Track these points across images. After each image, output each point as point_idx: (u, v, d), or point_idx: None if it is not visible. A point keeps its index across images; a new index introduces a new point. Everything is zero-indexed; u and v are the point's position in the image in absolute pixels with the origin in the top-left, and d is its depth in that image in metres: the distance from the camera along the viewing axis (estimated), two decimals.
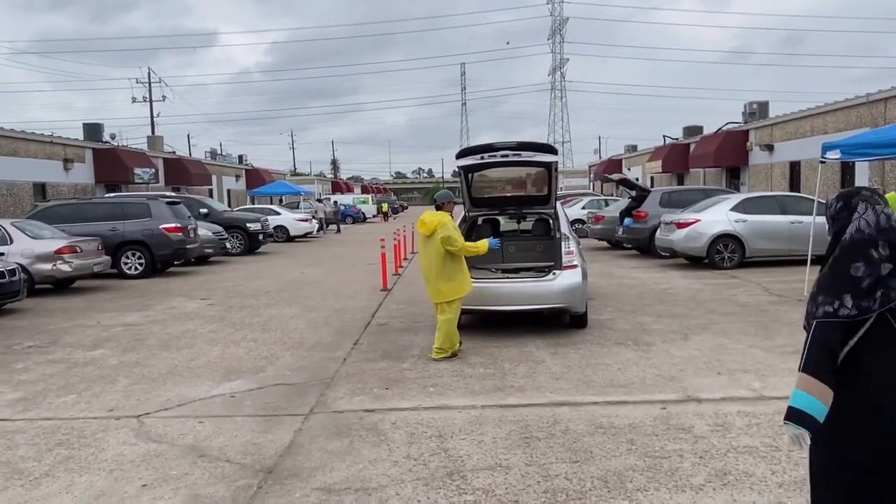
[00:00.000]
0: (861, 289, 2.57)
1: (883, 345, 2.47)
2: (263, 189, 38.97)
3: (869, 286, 2.57)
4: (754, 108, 26.80)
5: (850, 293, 2.57)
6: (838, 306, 2.59)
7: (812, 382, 2.50)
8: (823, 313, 2.59)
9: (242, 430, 4.95)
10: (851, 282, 2.59)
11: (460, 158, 7.90)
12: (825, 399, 2.43)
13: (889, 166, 16.44)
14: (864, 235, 2.65)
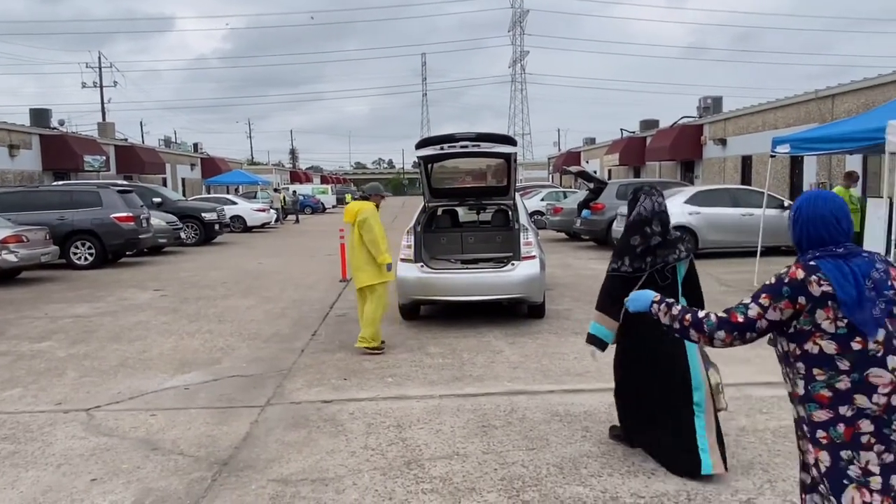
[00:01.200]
0: (636, 254, 3.80)
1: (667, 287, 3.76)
2: (219, 178, 38.29)
3: (642, 252, 3.81)
4: (709, 102, 27.40)
5: (629, 257, 3.84)
6: (620, 265, 3.88)
7: (602, 317, 3.95)
8: (611, 269, 3.94)
9: (196, 423, 4.87)
10: (631, 249, 3.84)
11: (420, 149, 7.88)
12: (611, 328, 3.60)
13: (836, 161, 17.00)
14: (641, 217, 3.83)
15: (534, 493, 3.65)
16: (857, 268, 2.17)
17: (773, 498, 3.53)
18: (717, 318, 2.33)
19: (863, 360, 2.11)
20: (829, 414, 2.14)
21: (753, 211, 13.24)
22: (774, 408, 4.88)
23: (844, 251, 2.20)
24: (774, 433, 4.40)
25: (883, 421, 2.10)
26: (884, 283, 2.16)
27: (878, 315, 2.12)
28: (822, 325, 2.15)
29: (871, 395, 2.10)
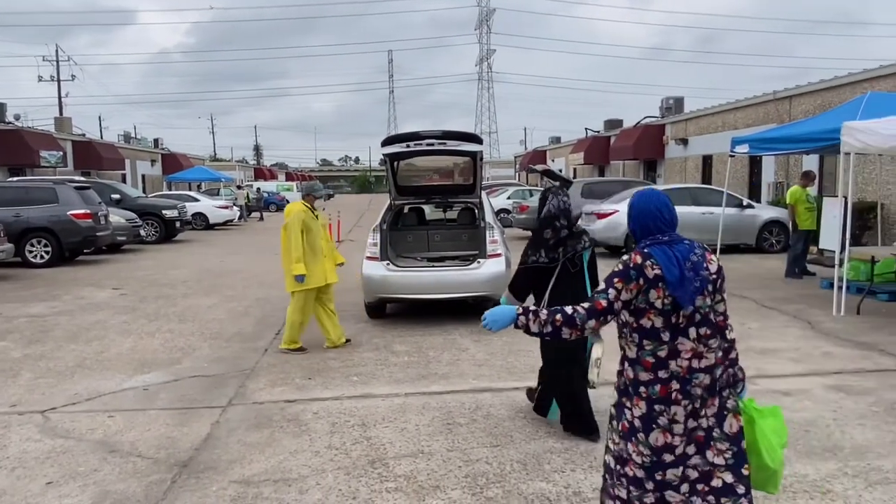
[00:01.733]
0: (549, 246, 4.31)
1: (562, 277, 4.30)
2: (181, 175, 37.58)
3: (554, 244, 4.32)
4: (670, 103, 27.87)
5: (544, 249, 4.33)
6: (538, 257, 4.34)
7: (511, 297, 4.46)
8: (530, 261, 4.37)
9: (156, 424, 4.78)
10: (545, 242, 4.34)
11: (386, 146, 7.85)
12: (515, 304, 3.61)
13: (793, 160, 17.44)
14: (551, 214, 4.32)
15: (497, 490, 3.67)
16: (679, 253, 2.53)
17: None
18: (585, 309, 2.57)
19: (676, 331, 2.51)
20: (651, 375, 2.54)
21: (713, 209, 13.51)
22: None
23: (669, 239, 2.57)
24: None
25: (686, 380, 2.52)
26: (700, 265, 2.53)
27: (694, 292, 2.50)
28: (654, 303, 2.49)
29: (678, 359, 2.51)
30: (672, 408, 2.52)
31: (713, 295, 2.57)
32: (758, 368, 5.84)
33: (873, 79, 14.63)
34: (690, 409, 2.54)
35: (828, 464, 3.90)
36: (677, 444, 2.56)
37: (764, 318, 7.93)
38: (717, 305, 2.60)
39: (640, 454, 2.58)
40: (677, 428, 2.54)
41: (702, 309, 2.52)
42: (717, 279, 2.58)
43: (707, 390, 2.56)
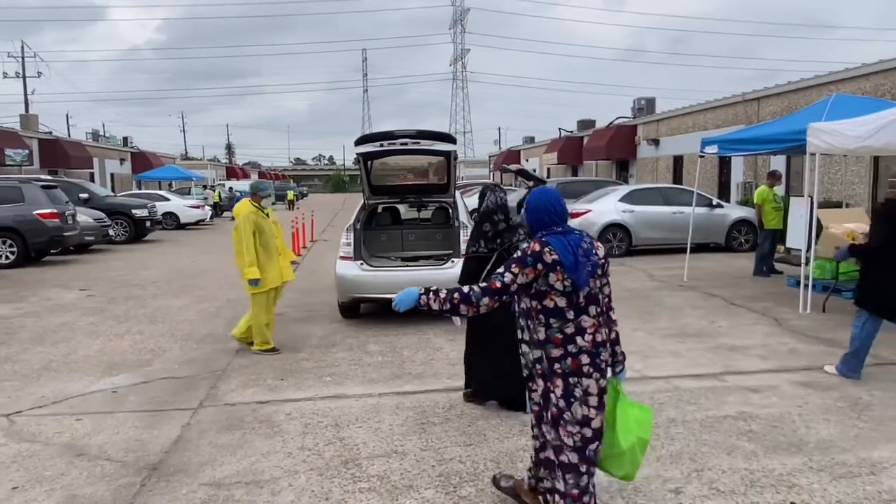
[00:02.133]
0: (488, 238, 4.76)
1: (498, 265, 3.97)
2: (151, 173, 37.00)
3: (492, 236, 4.77)
4: (642, 104, 28.18)
5: (483, 240, 4.80)
6: (478, 248, 4.81)
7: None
8: (470, 252, 4.88)
9: (125, 427, 4.71)
10: (484, 234, 4.80)
11: (359, 145, 7.81)
12: None
13: (761, 161, 17.75)
14: (489, 209, 4.78)
15: (471, 489, 3.68)
16: (572, 241, 2.90)
17: (700, 486, 3.66)
18: (481, 288, 2.88)
19: (579, 310, 2.86)
20: (561, 351, 2.84)
21: (684, 209, 13.68)
22: (702, 399, 5.07)
23: (562, 230, 2.94)
24: (702, 424, 4.57)
25: (594, 353, 2.84)
26: (590, 252, 2.93)
27: (587, 276, 2.88)
28: (555, 285, 2.84)
29: (584, 335, 2.84)
30: (584, 380, 2.84)
31: (601, 278, 2.98)
32: (727, 365, 5.94)
33: (838, 81, 14.95)
34: (604, 384, 2.89)
35: (794, 458, 3.98)
36: (594, 417, 2.86)
37: (733, 315, 8.06)
38: (604, 288, 3.01)
39: (571, 435, 2.87)
40: (592, 400, 2.85)
41: (593, 290, 2.91)
42: (604, 264, 2.99)
43: (608, 364, 2.94)
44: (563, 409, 2.86)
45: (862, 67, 14.34)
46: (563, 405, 2.86)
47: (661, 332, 7.27)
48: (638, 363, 6.07)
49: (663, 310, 8.46)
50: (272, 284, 6.59)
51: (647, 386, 5.40)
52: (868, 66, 14.17)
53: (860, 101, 9.29)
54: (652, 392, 5.24)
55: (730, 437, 4.33)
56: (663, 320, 7.84)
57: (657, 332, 7.22)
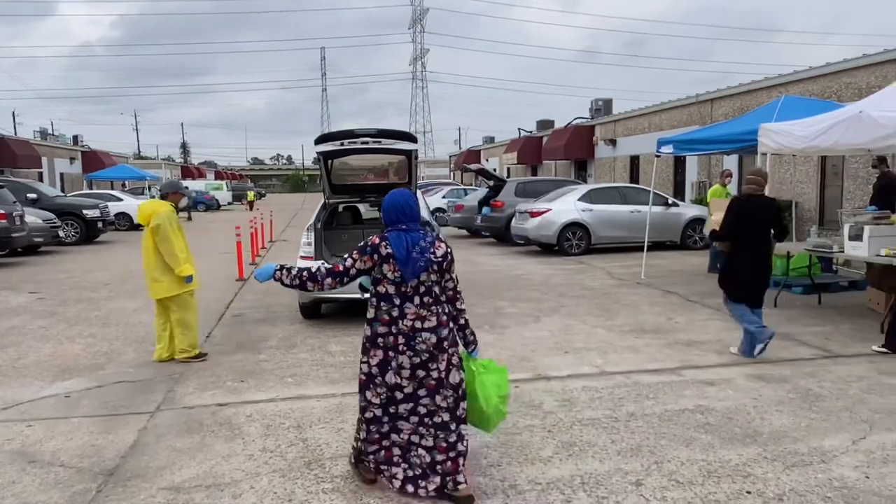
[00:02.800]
0: None
1: None
2: (103, 173, 35.99)
3: None
4: (600, 105, 28.58)
5: None
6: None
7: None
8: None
9: (79, 432, 4.58)
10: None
11: (319, 144, 7.75)
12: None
13: (714, 160, 18.19)
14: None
15: None
16: (411, 238, 3.36)
17: (660, 478, 3.73)
18: (326, 269, 3.42)
19: (404, 298, 3.35)
20: (386, 329, 3.38)
21: (641, 208, 13.95)
22: (660, 393, 5.17)
23: (406, 228, 3.40)
24: (660, 417, 4.66)
25: (411, 337, 3.36)
26: (427, 249, 3.37)
27: (418, 269, 3.32)
28: (388, 274, 3.35)
29: (405, 320, 3.35)
30: (400, 357, 3.38)
31: (440, 273, 3.43)
32: (683, 360, 6.08)
33: (787, 83, 15.42)
34: (418, 362, 3.38)
35: (749, 449, 4.10)
36: (405, 385, 3.42)
37: (689, 311, 8.24)
38: (447, 283, 3.49)
39: (378, 395, 3.46)
40: (404, 372, 3.41)
41: (426, 283, 3.37)
42: (443, 262, 3.43)
43: (435, 347, 3.39)
44: (377, 375, 3.45)
45: (809, 70, 14.82)
46: (378, 371, 3.44)
47: (619, 328, 7.39)
48: (598, 359, 6.16)
49: (622, 307, 8.60)
50: (197, 284, 6.35)
51: (608, 381, 5.49)
52: (815, 69, 14.65)
53: (808, 103, 9.61)
54: (612, 387, 5.33)
55: (688, 429, 4.43)
56: (622, 317, 7.97)
57: (616, 329, 7.34)
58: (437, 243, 3.43)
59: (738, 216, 5.96)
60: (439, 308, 3.41)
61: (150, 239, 6.07)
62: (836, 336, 6.87)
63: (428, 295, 3.38)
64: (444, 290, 3.46)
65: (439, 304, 3.42)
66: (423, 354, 3.36)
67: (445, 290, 3.46)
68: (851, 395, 5.02)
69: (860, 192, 13.12)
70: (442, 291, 3.45)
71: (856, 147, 7.26)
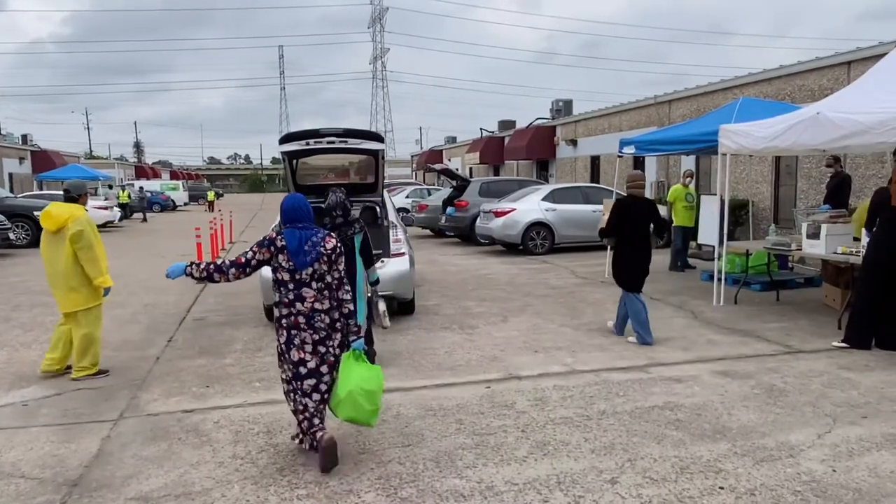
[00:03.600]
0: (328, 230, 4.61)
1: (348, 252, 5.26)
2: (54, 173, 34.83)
3: (331, 229, 5.32)
4: (560, 105, 28.85)
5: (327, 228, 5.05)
6: None
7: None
8: None
9: (39, 442, 4.41)
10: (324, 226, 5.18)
11: (284, 144, 7.62)
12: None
13: (672, 161, 18.54)
14: (329, 206, 5.51)
15: (412, 490, 3.65)
16: (304, 234, 3.91)
17: (634, 475, 3.77)
18: (230, 261, 3.92)
19: (300, 284, 3.90)
20: (287, 310, 3.92)
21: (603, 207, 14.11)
22: (630, 391, 5.23)
23: (302, 226, 3.95)
24: (631, 415, 4.71)
25: (310, 316, 3.91)
26: (318, 244, 3.91)
27: (310, 260, 3.87)
28: (283, 264, 3.89)
29: (303, 303, 3.90)
30: (302, 333, 3.92)
31: (327, 264, 3.94)
32: (650, 357, 6.16)
33: (743, 85, 15.78)
34: (317, 338, 3.93)
35: (719, 444, 4.17)
36: (309, 360, 3.93)
37: (653, 309, 8.34)
38: (334, 273, 3.98)
39: (286, 371, 4.02)
40: (307, 348, 3.92)
41: (318, 271, 3.92)
42: (332, 254, 3.95)
43: (329, 326, 3.96)
44: (284, 352, 3.98)
45: (764, 73, 15.20)
46: (285, 349, 3.97)
47: (586, 326, 7.46)
48: (567, 357, 6.21)
49: (587, 305, 8.69)
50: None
51: (578, 379, 5.53)
52: (769, 71, 15.03)
53: (766, 105, 9.85)
54: (583, 385, 5.37)
55: (659, 426, 4.49)
56: (588, 315, 8.05)
57: (583, 328, 7.41)
58: (328, 238, 3.97)
59: (622, 215, 6.62)
60: (331, 293, 3.97)
61: (69, 246, 5.61)
62: (796, 332, 7.06)
63: (321, 281, 3.94)
64: (334, 279, 4.00)
65: (331, 290, 3.98)
66: (322, 332, 3.93)
67: (333, 279, 3.99)
68: (814, 390, 5.16)
69: (813, 192, 13.52)
70: (333, 280, 3.99)
71: (812, 147, 7.46)
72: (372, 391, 3.90)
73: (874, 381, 5.37)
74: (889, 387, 5.22)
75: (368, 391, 3.88)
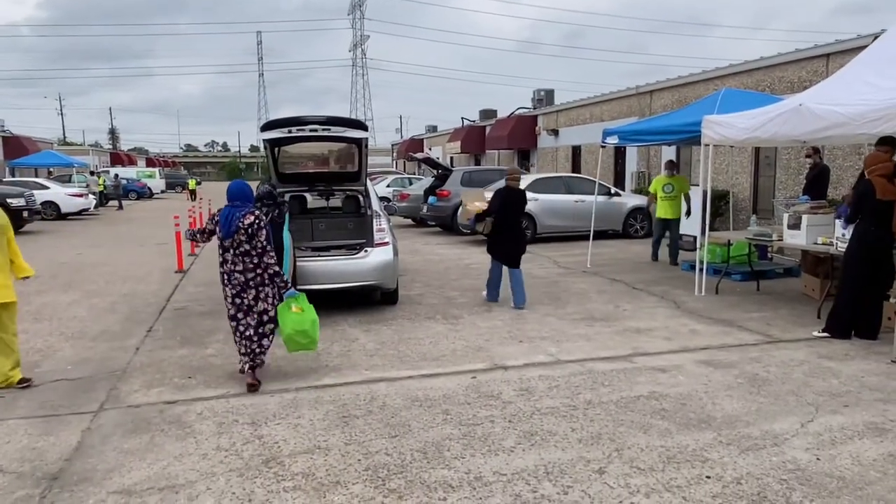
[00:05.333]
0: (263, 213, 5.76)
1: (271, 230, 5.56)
2: (27, 160, 34.18)
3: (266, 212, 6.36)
4: (542, 95, 28.83)
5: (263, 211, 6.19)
6: None
7: None
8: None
9: (17, 435, 4.31)
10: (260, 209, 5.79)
11: (266, 131, 7.50)
12: None
13: (653, 151, 18.64)
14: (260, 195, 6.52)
15: (400, 481, 3.63)
16: (232, 211, 5.02)
17: (622, 465, 3.78)
18: (195, 230, 5.44)
19: (224, 249, 5.07)
20: (224, 269, 5.12)
21: (585, 197, 14.16)
22: (615, 380, 5.25)
23: (233, 205, 5.08)
24: (617, 404, 4.73)
25: (230, 274, 5.10)
26: (237, 219, 4.98)
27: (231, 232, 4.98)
28: (218, 234, 5.08)
29: (227, 264, 5.08)
30: (227, 288, 5.16)
31: (248, 235, 4.99)
32: (634, 347, 6.19)
33: (724, 76, 15.89)
34: (234, 292, 5.12)
35: (704, 434, 4.20)
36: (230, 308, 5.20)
37: (635, 299, 8.41)
38: (255, 243, 5.01)
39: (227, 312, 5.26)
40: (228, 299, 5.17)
41: (236, 241, 5.00)
42: (249, 228, 4.97)
43: (244, 284, 5.09)
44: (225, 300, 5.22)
45: (744, 64, 15.31)
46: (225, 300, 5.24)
47: (570, 316, 7.47)
48: (552, 347, 6.21)
49: (571, 295, 8.71)
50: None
51: (563, 369, 5.53)
52: (749, 62, 15.14)
53: (748, 96, 9.90)
54: (568, 375, 5.38)
55: (644, 416, 4.51)
56: (571, 305, 8.07)
57: (567, 318, 7.42)
58: (247, 216, 4.99)
59: (502, 203, 7.91)
60: (247, 259, 5.04)
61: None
62: (777, 321, 7.14)
63: (238, 248, 5.02)
64: (254, 247, 5.01)
65: (248, 256, 5.03)
66: (237, 287, 5.10)
67: (255, 248, 5.02)
68: (796, 379, 5.22)
69: (791, 182, 13.67)
70: (252, 248, 5.01)
71: (794, 138, 7.52)
72: (304, 330, 5.10)
73: (854, 369, 5.45)
74: (869, 375, 5.29)
75: (301, 331, 5.09)
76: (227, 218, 4.98)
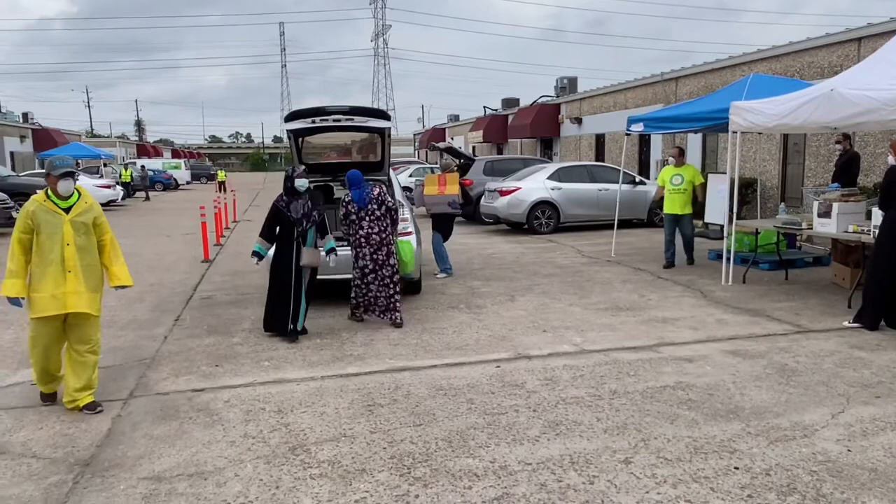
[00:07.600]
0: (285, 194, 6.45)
1: None
2: (55, 151, 34.71)
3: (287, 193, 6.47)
4: (565, 83, 28.55)
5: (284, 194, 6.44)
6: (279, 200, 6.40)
7: (262, 241, 6.40)
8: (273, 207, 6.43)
9: (49, 421, 4.41)
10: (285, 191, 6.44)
11: (290, 122, 7.53)
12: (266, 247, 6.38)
13: (679, 139, 18.39)
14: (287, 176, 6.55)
15: (425, 469, 3.64)
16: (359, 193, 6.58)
17: (648, 455, 3.75)
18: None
19: (359, 219, 6.65)
20: (361, 233, 6.62)
21: (609, 186, 14.03)
22: (641, 370, 5.20)
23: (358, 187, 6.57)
24: (643, 395, 4.69)
25: (368, 237, 6.59)
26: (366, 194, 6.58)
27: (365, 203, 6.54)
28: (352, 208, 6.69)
29: (361, 229, 6.63)
30: (365, 248, 6.59)
31: (378, 203, 6.56)
32: (660, 337, 6.13)
33: (751, 62, 15.59)
34: (374, 248, 6.53)
35: (732, 424, 4.15)
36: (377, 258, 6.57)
37: (661, 289, 8.32)
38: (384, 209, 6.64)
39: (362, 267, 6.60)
40: (374, 255, 6.51)
41: (370, 209, 6.55)
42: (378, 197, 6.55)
43: (380, 243, 6.59)
44: (356, 260, 6.56)
45: (773, 49, 15.00)
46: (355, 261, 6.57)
47: (594, 306, 7.42)
48: (576, 337, 6.18)
49: (595, 284, 8.65)
50: (43, 312, 4.43)
51: (588, 359, 5.50)
52: (778, 47, 14.83)
53: (777, 81, 9.70)
54: (593, 365, 5.34)
55: (671, 406, 4.47)
56: (596, 295, 8.01)
57: (591, 307, 7.37)
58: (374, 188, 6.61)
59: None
60: (380, 223, 6.60)
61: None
62: (806, 311, 7.02)
63: (373, 215, 6.60)
64: (384, 213, 6.63)
65: (381, 221, 6.60)
66: (374, 246, 6.62)
67: (388, 213, 6.68)
68: (826, 370, 5.13)
69: (821, 170, 13.40)
70: (383, 215, 6.61)
71: (825, 125, 7.35)
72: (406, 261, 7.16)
73: (886, 360, 5.34)
74: None
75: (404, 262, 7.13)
76: (360, 196, 6.51)
